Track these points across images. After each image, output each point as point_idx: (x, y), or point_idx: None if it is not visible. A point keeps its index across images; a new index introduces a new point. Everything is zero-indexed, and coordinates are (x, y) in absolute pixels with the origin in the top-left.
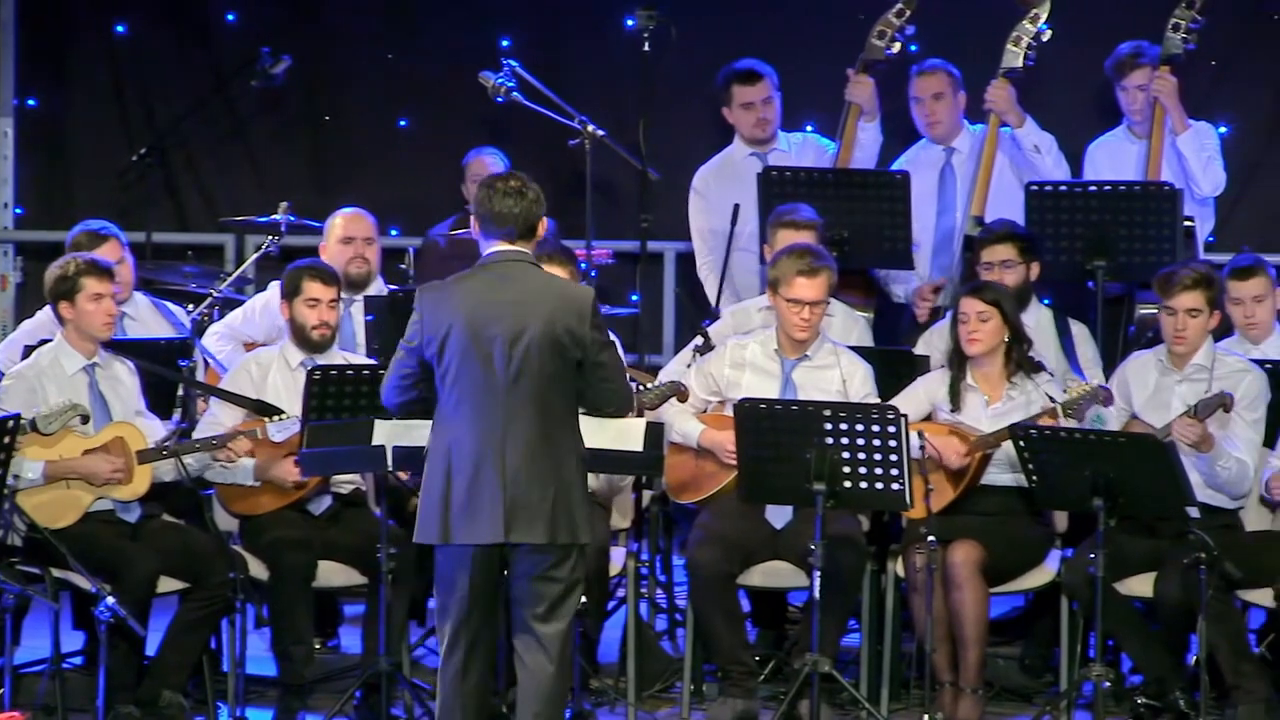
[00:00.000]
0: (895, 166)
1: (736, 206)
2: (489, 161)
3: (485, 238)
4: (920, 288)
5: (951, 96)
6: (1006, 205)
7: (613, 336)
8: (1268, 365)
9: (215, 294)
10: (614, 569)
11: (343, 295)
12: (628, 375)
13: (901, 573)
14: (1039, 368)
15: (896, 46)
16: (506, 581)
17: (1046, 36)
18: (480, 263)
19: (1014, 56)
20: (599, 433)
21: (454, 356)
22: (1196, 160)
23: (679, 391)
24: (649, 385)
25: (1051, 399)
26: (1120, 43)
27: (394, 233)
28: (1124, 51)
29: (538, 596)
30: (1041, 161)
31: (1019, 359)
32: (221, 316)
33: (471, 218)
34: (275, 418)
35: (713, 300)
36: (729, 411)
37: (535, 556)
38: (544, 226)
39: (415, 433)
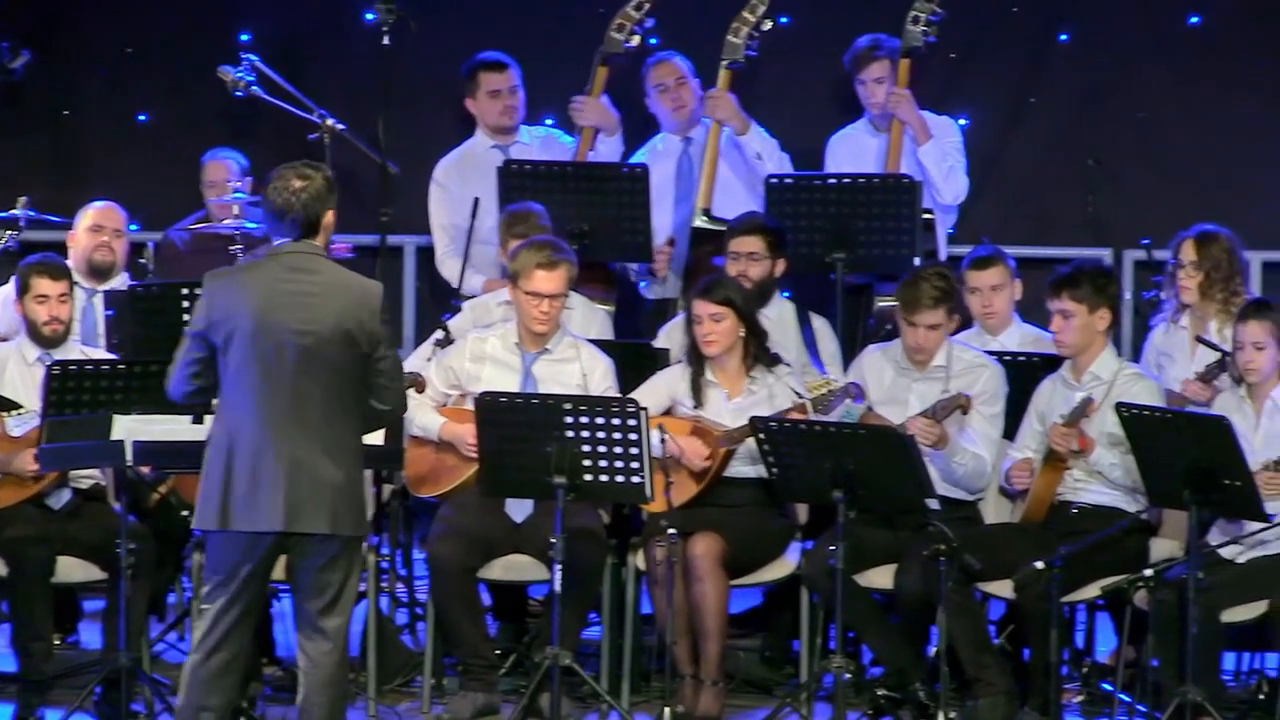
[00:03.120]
0: (635, 159)
1: (476, 200)
2: (227, 164)
3: (273, 234)
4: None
5: (690, 83)
6: (738, 198)
7: None
8: (1005, 357)
9: None
10: None
11: (86, 286)
12: (403, 376)
13: (642, 565)
14: (776, 360)
15: (636, 40)
16: (295, 572)
17: (768, 26)
18: (271, 252)
19: (734, 48)
20: None
21: (241, 344)
22: (937, 170)
23: (416, 382)
24: None
25: (799, 394)
26: (861, 35)
27: (134, 228)
28: (862, 45)
29: (321, 588)
30: (762, 168)
31: (756, 352)
32: None
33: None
34: (13, 412)
35: (456, 286)
36: (470, 405)
37: (319, 547)
38: (331, 218)
39: (156, 427)
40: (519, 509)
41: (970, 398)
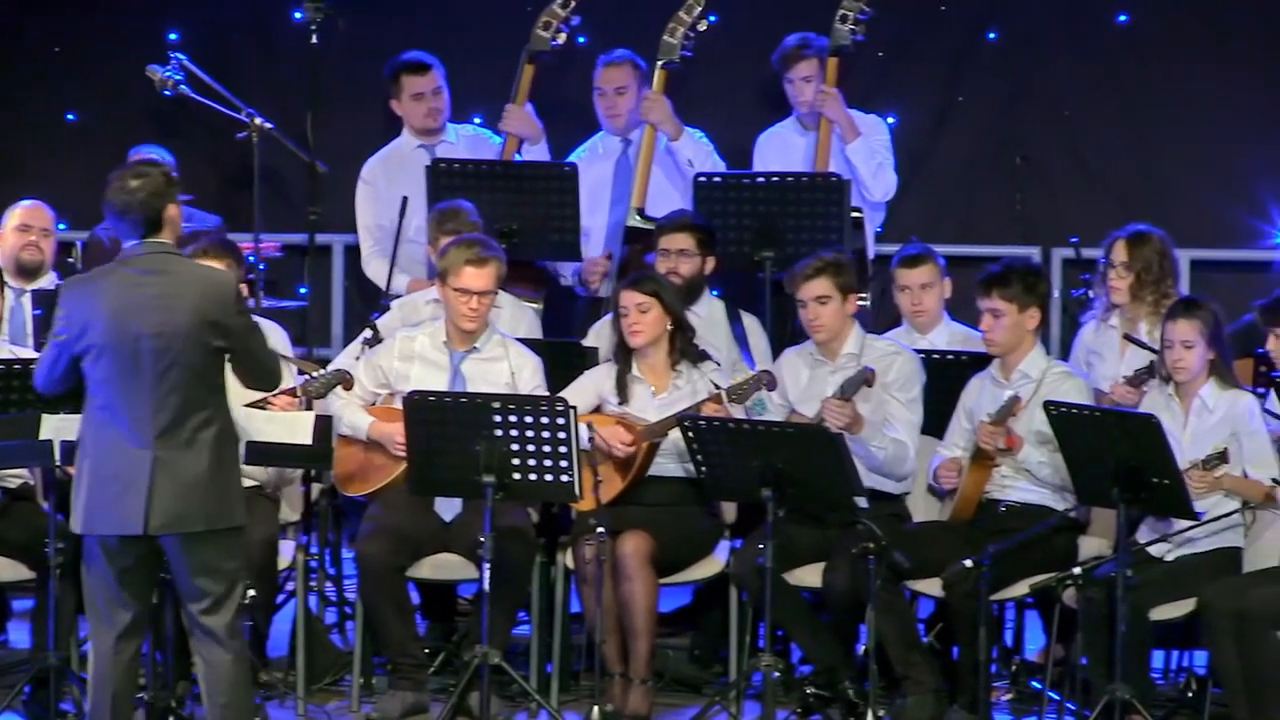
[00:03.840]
0: (573, 156)
1: (405, 199)
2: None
3: (120, 233)
4: (588, 260)
5: (635, 90)
6: (674, 199)
7: (278, 327)
8: (934, 355)
9: None
10: (283, 562)
11: (14, 285)
12: (269, 357)
13: (571, 564)
14: (704, 356)
15: (562, 38)
16: (172, 578)
17: (704, 27)
18: (122, 256)
19: (670, 48)
20: (268, 425)
21: (100, 350)
22: (866, 168)
23: (344, 380)
24: (314, 374)
25: (716, 385)
26: (789, 34)
27: (62, 227)
28: (790, 43)
29: (202, 591)
30: (690, 175)
31: (683, 348)
32: None
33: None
34: None
35: (384, 288)
36: (398, 404)
37: (194, 550)
38: (175, 211)
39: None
40: (448, 508)
41: (873, 371)
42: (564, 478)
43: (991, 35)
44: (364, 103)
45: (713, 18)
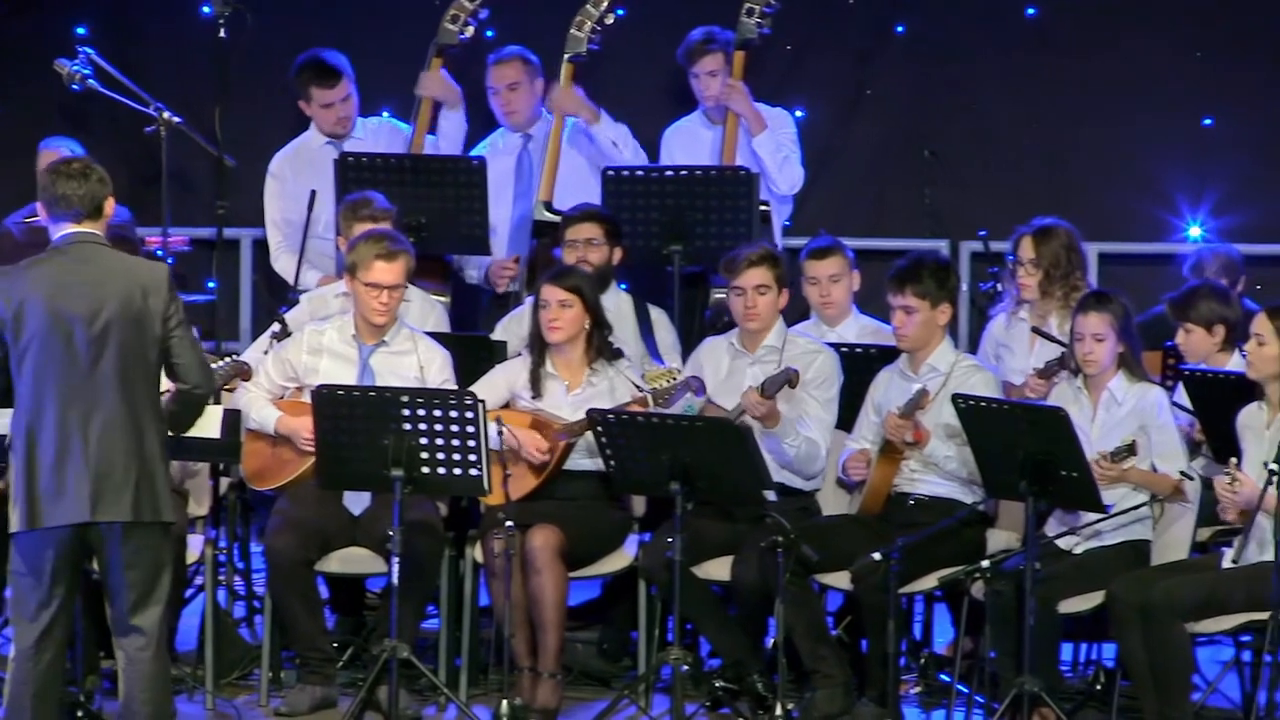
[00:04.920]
0: (474, 152)
1: (313, 193)
2: (59, 152)
3: (54, 221)
4: (496, 262)
5: (528, 85)
6: (580, 192)
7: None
8: (843, 349)
9: None
10: (191, 556)
11: None
12: (202, 353)
13: (480, 558)
14: (619, 354)
15: (470, 31)
16: (103, 571)
17: (611, 20)
18: (53, 246)
19: (578, 42)
20: None
21: (31, 339)
22: (772, 161)
23: (242, 370)
24: (212, 366)
25: (640, 388)
26: (695, 28)
27: None
28: (695, 38)
29: (130, 585)
30: (619, 155)
31: (599, 345)
32: None
33: (39, 204)
34: None
35: (292, 282)
36: (306, 398)
37: (124, 542)
38: (111, 207)
39: (1, 421)
40: (356, 501)
41: (797, 371)
42: (473, 471)
43: (899, 28)
44: (272, 97)
45: (620, 11)
